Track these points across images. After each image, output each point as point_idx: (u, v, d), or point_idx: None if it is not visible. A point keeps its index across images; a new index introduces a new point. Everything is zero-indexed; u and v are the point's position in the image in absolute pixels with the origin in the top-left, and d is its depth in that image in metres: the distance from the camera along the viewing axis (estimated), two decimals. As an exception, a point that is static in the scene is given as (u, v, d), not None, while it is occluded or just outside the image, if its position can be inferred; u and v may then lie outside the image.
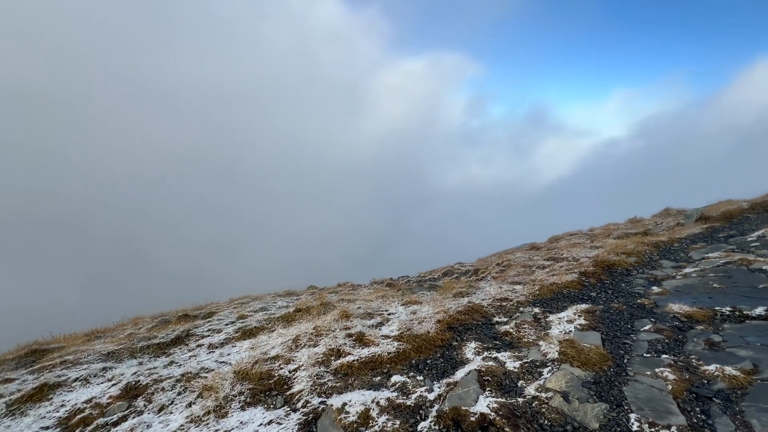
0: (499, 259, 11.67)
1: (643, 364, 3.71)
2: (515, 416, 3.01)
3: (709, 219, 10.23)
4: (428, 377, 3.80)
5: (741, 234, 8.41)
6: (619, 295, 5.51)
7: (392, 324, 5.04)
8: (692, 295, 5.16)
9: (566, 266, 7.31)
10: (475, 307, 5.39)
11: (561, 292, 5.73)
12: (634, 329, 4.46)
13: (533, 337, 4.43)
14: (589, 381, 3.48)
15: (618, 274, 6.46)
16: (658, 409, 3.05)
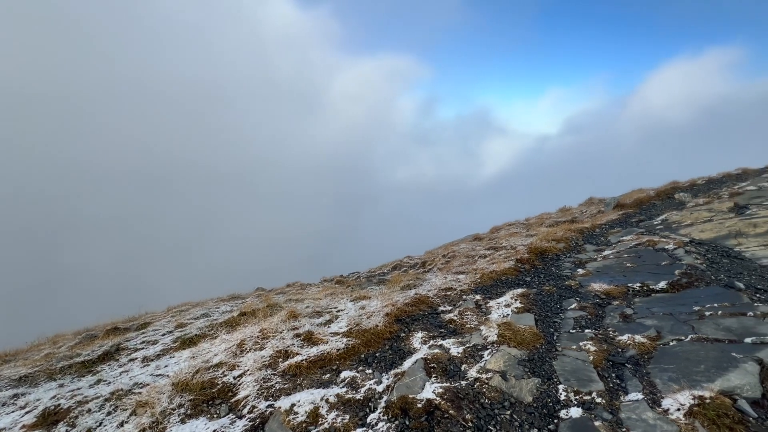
0: (445, 250, 12.13)
1: (569, 339, 4.09)
2: (459, 398, 3.18)
3: (624, 206, 11.49)
4: (377, 370, 3.87)
5: (649, 218, 9.56)
6: (550, 279, 6.01)
7: (341, 321, 5.04)
8: (610, 275, 5.78)
9: (505, 254, 7.80)
10: (422, 299, 5.57)
11: (500, 279, 6.12)
12: (562, 308, 4.90)
13: (475, 322, 4.68)
14: (524, 359, 3.77)
15: (549, 259, 7.04)
16: (582, 378, 3.39)
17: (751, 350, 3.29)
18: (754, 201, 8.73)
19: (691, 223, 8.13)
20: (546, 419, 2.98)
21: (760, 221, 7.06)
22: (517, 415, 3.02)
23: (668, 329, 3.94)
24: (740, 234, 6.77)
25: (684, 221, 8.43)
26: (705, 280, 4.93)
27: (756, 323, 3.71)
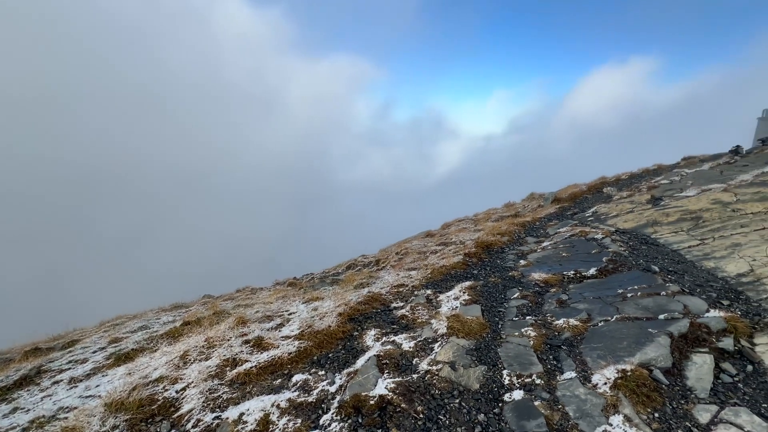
0: (398, 248, 12.31)
1: (513, 326, 4.34)
2: (410, 392, 3.25)
3: (560, 200, 12.40)
4: (330, 370, 3.84)
5: (582, 211, 10.41)
6: (496, 270, 6.33)
7: (293, 323, 4.93)
8: (548, 264, 6.21)
9: (454, 249, 8.08)
10: (375, 296, 5.61)
11: (449, 273, 6.33)
12: (506, 298, 5.19)
13: (426, 317, 4.81)
14: (471, 348, 3.94)
15: (495, 252, 7.41)
16: (524, 362, 3.62)
17: (664, 325, 3.71)
18: (667, 193, 9.84)
19: (616, 215, 8.97)
20: (491, 404, 3.14)
21: (671, 211, 7.97)
22: (465, 403, 3.15)
23: (597, 311, 4.33)
24: (656, 223, 7.60)
25: (611, 213, 9.28)
26: (627, 266, 5.47)
27: (668, 301, 4.19)
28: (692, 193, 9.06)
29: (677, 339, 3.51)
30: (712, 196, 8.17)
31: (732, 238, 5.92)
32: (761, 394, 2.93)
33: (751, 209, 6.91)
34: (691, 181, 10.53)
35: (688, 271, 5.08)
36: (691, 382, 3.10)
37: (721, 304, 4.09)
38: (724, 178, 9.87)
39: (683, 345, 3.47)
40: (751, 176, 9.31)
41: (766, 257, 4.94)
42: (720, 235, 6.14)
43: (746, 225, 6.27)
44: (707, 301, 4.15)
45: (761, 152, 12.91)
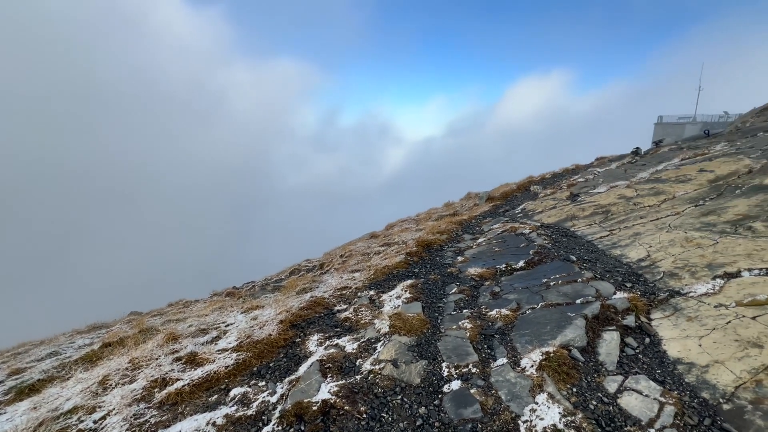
0: (343, 250, 12.25)
1: (451, 320, 4.55)
2: (354, 393, 3.26)
3: (494, 199, 13.23)
4: (271, 380, 3.72)
5: (512, 208, 11.20)
6: (435, 268, 6.58)
7: (230, 335, 4.69)
8: (483, 259, 6.61)
9: (396, 249, 8.25)
10: (318, 301, 5.54)
11: (392, 273, 6.45)
12: (445, 294, 5.42)
13: (369, 317, 4.86)
14: (413, 345, 4.06)
15: (435, 250, 7.70)
16: (461, 353, 3.81)
17: (580, 309, 4.13)
18: (583, 190, 10.97)
19: (542, 210, 9.80)
20: (432, 396, 3.27)
21: (586, 206, 8.89)
22: (407, 398, 3.24)
23: (525, 300, 4.69)
24: (574, 217, 8.43)
25: (537, 209, 10.11)
26: (550, 257, 6.01)
27: (583, 287, 4.68)
28: (603, 189, 10.20)
29: (591, 320, 3.94)
30: (618, 192, 9.27)
31: (634, 228, 6.78)
32: (656, 362, 3.39)
33: (647, 203, 7.96)
34: (602, 179, 11.84)
35: (600, 259, 5.71)
36: (602, 357, 3.50)
37: (625, 287, 4.66)
38: (628, 175, 11.25)
39: (596, 325, 3.90)
40: (648, 174, 10.72)
41: (659, 244, 5.72)
42: (624, 226, 6.99)
43: (644, 216, 7.21)
44: (614, 284, 4.70)
45: (655, 153, 14.92)
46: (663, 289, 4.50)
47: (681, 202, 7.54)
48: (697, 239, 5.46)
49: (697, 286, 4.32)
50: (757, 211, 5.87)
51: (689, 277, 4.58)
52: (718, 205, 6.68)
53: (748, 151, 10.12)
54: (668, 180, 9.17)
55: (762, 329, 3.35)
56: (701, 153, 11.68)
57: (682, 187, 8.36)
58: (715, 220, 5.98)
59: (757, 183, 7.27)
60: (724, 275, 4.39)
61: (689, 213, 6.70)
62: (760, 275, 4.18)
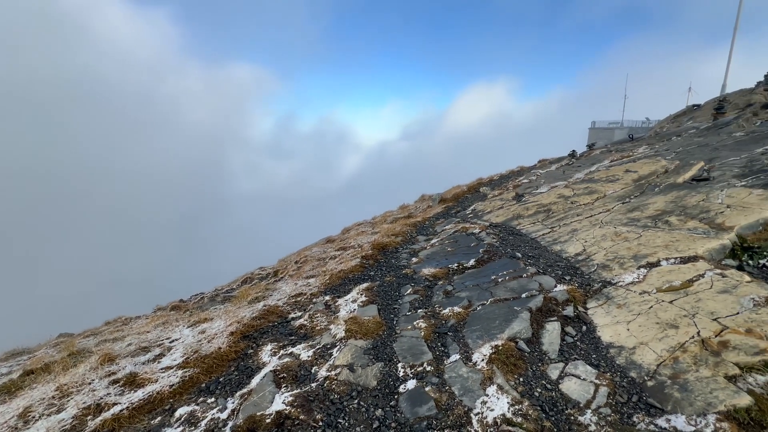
0: (298, 256, 11.99)
1: (406, 321, 4.62)
2: (309, 401, 3.21)
3: (446, 200, 13.65)
4: (221, 396, 3.54)
5: (464, 209, 11.63)
6: (391, 270, 6.65)
7: (176, 352, 4.40)
8: (436, 259, 6.79)
9: (352, 253, 8.23)
10: (272, 309, 5.38)
11: (347, 277, 6.43)
12: (401, 295, 5.50)
13: (325, 323, 4.80)
14: (369, 348, 4.07)
15: (390, 252, 7.78)
16: (416, 353, 3.89)
17: (526, 302, 4.39)
18: (527, 191, 11.66)
19: (490, 211, 10.28)
20: (388, 397, 3.30)
21: (530, 206, 9.47)
22: (364, 402, 3.24)
23: (476, 297, 4.89)
24: (520, 216, 8.94)
25: (486, 209, 10.59)
26: (499, 255, 6.32)
27: (528, 282, 4.97)
28: (544, 190, 10.91)
29: (535, 312, 4.19)
30: (557, 192, 9.97)
31: (571, 225, 7.32)
32: (592, 348, 3.68)
33: (583, 201, 8.64)
34: (544, 179, 12.67)
35: (543, 255, 6.10)
36: (545, 346, 3.74)
37: (564, 280, 5.01)
38: (566, 176, 12.13)
39: (539, 317, 4.16)
40: (583, 174, 11.64)
41: (593, 239, 6.24)
42: (564, 223, 7.53)
43: (580, 214, 7.82)
44: (555, 278, 5.05)
45: (589, 155, 16.25)
46: (597, 281, 4.91)
47: (611, 200, 8.28)
48: (624, 233, 6.02)
49: (625, 276, 4.77)
50: (672, 206, 6.59)
51: (618, 268, 5.03)
52: (641, 202, 7.42)
53: (665, 153, 11.35)
54: (600, 180, 10.02)
55: (677, 311, 3.77)
56: (627, 155, 12.91)
57: (611, 186, 9.18)
58: (639, 216, 6.63)
59: (671, 182, 8.17)
60: (646, 265, 4.88)
61: (618, 210, 7.38)
62: (675, 264, 4.70)
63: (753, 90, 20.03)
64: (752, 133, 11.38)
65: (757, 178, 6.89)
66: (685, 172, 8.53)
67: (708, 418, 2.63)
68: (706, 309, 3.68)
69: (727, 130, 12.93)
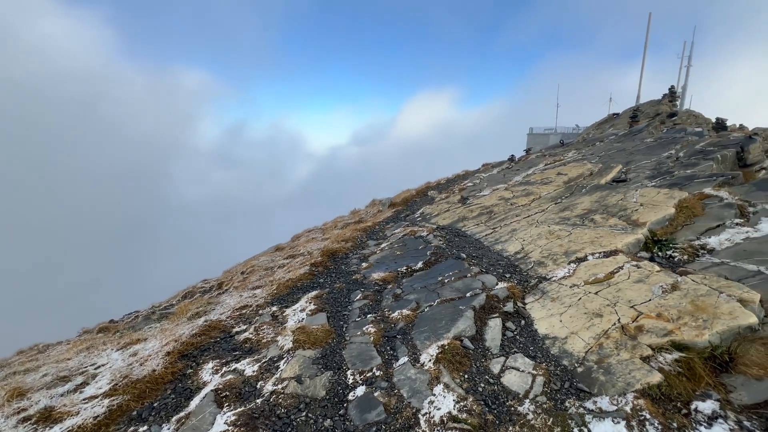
0: (245, 267, 11.46)
1: (356, 327, 4.60)
2: (254, 419, 3.06)
3: (396, 205, 13.85)
4: (155, 423, 3.27)
5: (413, 213, 11.88)
6: (341, 276, 6.60)
7: (102, 379, 3.99)
8: (386, 264, 6.85)
9: (301, 261, 8.05)
10: (214, 324, 5.08)
11: (296, 286, 6.26)
12: (350, 301, 5.46)
13: (272, 335, 4.62)
14: (318, 357, 3.99)
15: (340, 258, 7.71)
16: (365, 358, 3.88)
17: (470, 301, 4.57)
18: (472, 193, 12.19)
19: (438, 213, 10.60)
20: (337, 406, 3.25)
21: (474, 208, 9.91)
22: (312, 413, 3.16)
23: (424, 299, 5.00)
24: (465, 218, 9.31)
25: (434, 212, 10.90)
26: (445, 256, 6.53)
27: (472, 281, 5.18)
28: (487, 192, 11.48)
29: (478, 310, 4.38)
30: (498, 194, 10.54)
31: (511, 225, 7.77)
32: (529, 340, 3.92)
33: (521, 202, 9.22)
34: (486, 183, 13.34)
35: (486, 255, 6.40)
36: (488, 342, 3.91)
37: (505, 277, 5.30)
38: (506, 179, 12.88)
39: (482, 314, 4.35)
40: (521, 177, 12.43)
41: (530, 237, 6.67)
42: (504, 224, 7.98)
43: (519, 214, 8.33)
44: (497, 276, 5.32)
45: (526, 159, 17.41)
46: (533, 277, 5.25)
47: (545, 200, 8.92)
48: (557, 232, 6.51)
49: (558, 271, 5.15)
50: (596, 206, 7.26)
51: (552, 264, 5.42)
52: (570, 202, 8.08)
53: (590, 157, 12.48)
54: (536, 182, 10.76)
55: (601, 301, 4.14)
56: (558, 159, 14.01)
57: (545, 188, 9.90)
58: (569, 215, 7.21)
59: (596, 183, 9.00)
60: (576, 260, 5.31)
61: (551, 210, 7.96)
62: (599, 258, 5.17)
63: (660, 101, 22.75)
64: (660, 139, 12.90)
65: (664, 179, 7.82)
66: (606, 174, 9.44)
67: (627, 397, 2.91)
68: (625, 297, 4.08)
69: (640, 137, 14.54)
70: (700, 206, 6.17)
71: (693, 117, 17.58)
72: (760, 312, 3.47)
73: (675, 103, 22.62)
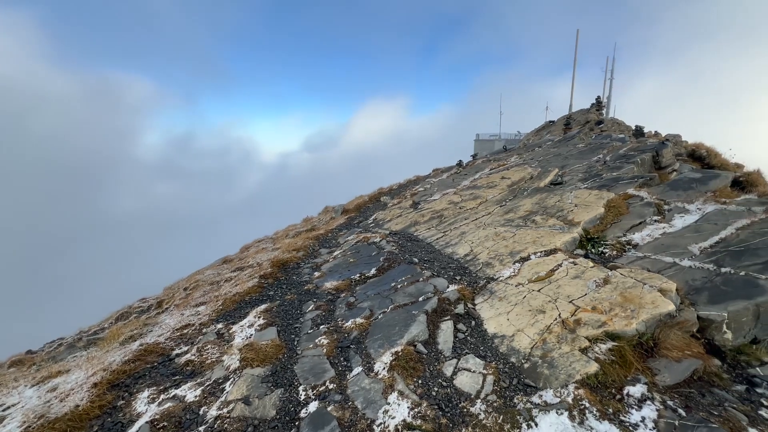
0: (188, 282, 10.71)
1: (308, 339, 4.45)
2: (195, 449, 2.82)
3: (348, 211, 13.75)
4: (78, 466, 2.90)
5: (366, 219, 11.85)
6: (292, 287, 6.37)
7: (11, 422, 3.47)
8: (339, 272, 6.74)
9: (250, 273, 7.68)
10: (150, 348, 4.65)
11: (244, 300, 5.95)
12: (302, 313, 5.28)
13: (217, 355, 4.33)
14: (267, 375, 3.79)
15: (291, 269, 7.47)
16: (318, 372, 3.75)
17: (422, 305, 4.60)
18: (423, 198, 12.45)
19: (390, 219, 10.67)
20: (288, 426, 3.09)
21: (426, 212, 10.11)
22: (261, 436, 2.98)
23: (377, 306, 4.97)
24: (417, 223, 9.46)
25: (387, 218, 10.96)
26: (398, 261, 6.56)
27: (424, 285, 5.24)
28: (437, 197, 11.78)
29: (431, 314, 4.42)
30: (448, 199, 10.86)
31: (461, 228, 8.02)
32: (480, 341, 4.03)
33: (469, 206, 9.56)
34: (437, 187, 13.70)
35: (437, 258, 6.53)
36: (441, 345, 3.96)
37: (456, 280, 5.43)
38: (455, 184, 13.32)
39: (435, 318, 4.40)
40: (468, 182, 12.93)
41: (478, 240, 6.92)
42: (454, 227, 8.21)
43: (467, 218, 8.62)
44: (448, 279, 5.43)
45: (473, 164, 18.17)
46: (482, 278, 5.43)
47: (491, 203, 9.33)
48: (502, 233, 6.81)
49: (504, 271, 5.37)
50: (537, 207, 7.71)
51: (499, 264, 5.65)
52: (514, 204, 8.52)
53: (530, 162, 13.30)
54: (482, 186, 11.24)
55: (544, 298, 4.37)
56: (502, 164, 14.77)
57: (491, 191, 10.36)
58: (513, 217, 7.59)
59: (536, 186, 9.59)
60: (520, 260, 5.58)
61: (497, 212, 8.34)
62: (541, 256, 5.48)
63: (589, 110, 24.91)
64: (590, 144, 14.08)
65: (594, 181, 8.51)
66: (545, 177, 10.10)
67: (569, 388, 3.08)
68: (565, 293, 4.35)
69: (573, 142, 15.77)
70: (625, 205, 6.78)
71: (617, 124, 19.43)
72: (677, 300, 3.85)
73: (601, 111, 24.89)
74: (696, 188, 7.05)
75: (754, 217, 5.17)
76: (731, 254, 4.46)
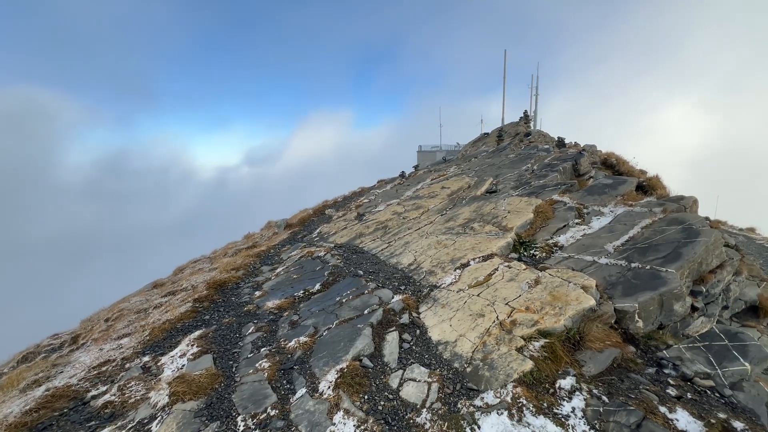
0: (110, 312, 9.60)
1: (248, 365, 4.18)
2: (113, 505, 2.48)
3: (292, 225, 13.37)
4: None
5: (310, 233, 11.60)
6: (230, 310, 5.99)
7: None
8: (282, 290, 6.47)
9: (183, 297, 7.09)
10: (59, 392, 4.06)
11: (175, 327, 5.46)
12: (241, 336, 4.97)
13: (142, 392, 3.90)
14: (201, 408, 3.48)
15: (229, 289, 7.03)
16: (258, 398, 3.53)
17: (367, 318, 4.56)
18: (368, 210, 12.50)
19: (335, 232, 10.55)
20: (225, 462, 2.85)
21: (370, 224, 10.14)
22: (193, 478, 2.71)
23: (322, 323, 4.83)
24: (362, 235, 9.45)
25: (331, 231, 10.82)
26: (343, 275, 6.47)
27: (369, 297, 5.21)
28: (382, 208, 11.91)
29: (376, 326, 4.40)
30: (392, 209, 11.02)
31: (405, 238, 8.15)
32: (424, 349, 4.07)
33: (412, 216, 9.78)
34: (381, 198, 13.85)
35: (382, 270, 6.55)
36: (387, 357, 3.94)
37: (400, 290, 5.47)
38: (398, 195, 13.58)
39: (380, 330, 4.38)
40: (411, 192, 13.25)
41: (422, 248, 7.07)
42: (398, 238, 8.32)
43: (411, 227, 8.80)
44: (392, 290, 5.46)
45: (415, 175, 18.71)
46: (426, 286, 5.53)
47: (433, 213, 9.63)
48: (444, 241, 7.04)
49: (446, 278, 5.53)
50: (474, 215, 8.10)
51: (441, 272, 5.81)
52: (454, 213, 8.87)
53: (468, 172, 14.01)
54: (424, 196, 11.58)
55: (483, 302, 4.56)
56: (442, 174, 15.38)
57: (432, 201, 10.71)
58: (453, 225, 7.89)
59: (473, 195, 10.09)
60: (460, 266, 5.79)
61: (438, 221, 8.61)
62: (479, 262, 5.73)
63: (518, 123, 26.99)
64: (520, 155, 15.20)
65: (524, 189, 9.17)
66: (481, 186, 10.67)
67: (508, 388, 3.21)
68: (501, 296, 4.57)
69: (505, 153, 16.93)
70: (551, 210, 7.37)
71: (542, 136, 21.26)
72: (597, 295, 4.23)
73: (529, 124, 27.09)
74: (608, 193, 7.89)
75: (655, 216, 5.90)
76: (638, 251, 5.03)
